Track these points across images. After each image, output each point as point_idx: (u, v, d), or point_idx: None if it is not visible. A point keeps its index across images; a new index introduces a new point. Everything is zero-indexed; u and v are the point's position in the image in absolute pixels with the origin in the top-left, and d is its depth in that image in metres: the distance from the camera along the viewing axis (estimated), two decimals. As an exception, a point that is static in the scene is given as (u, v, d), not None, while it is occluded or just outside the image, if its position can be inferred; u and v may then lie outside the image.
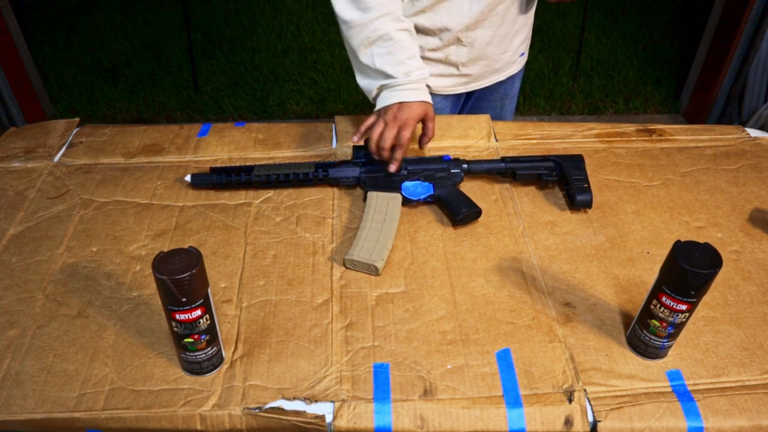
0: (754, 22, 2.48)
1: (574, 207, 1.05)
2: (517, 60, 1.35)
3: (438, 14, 1.15)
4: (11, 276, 0.92)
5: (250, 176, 1.07)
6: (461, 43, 1.20)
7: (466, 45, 1.21)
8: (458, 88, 1.32)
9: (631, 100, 3.10)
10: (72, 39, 3.57)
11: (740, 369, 0.79)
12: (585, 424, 0.74)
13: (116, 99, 3.06)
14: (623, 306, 0.88)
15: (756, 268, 0.95)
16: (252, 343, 0.82)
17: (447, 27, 1.17)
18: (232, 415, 0.74)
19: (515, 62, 1.35)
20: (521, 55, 1.35)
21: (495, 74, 1.33)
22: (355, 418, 0.74)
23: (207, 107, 3.02)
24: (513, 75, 1.39)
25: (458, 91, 1.32)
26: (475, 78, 1.30)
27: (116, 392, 0.76)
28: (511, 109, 1.49)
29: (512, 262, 0.95)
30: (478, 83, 1.33)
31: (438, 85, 1.27)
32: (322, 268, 0.94)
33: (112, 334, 0.83)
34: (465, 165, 1.10)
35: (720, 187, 1.12)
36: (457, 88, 1.31)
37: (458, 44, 1.21)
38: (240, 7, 3.89)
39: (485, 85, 1.34)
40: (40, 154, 1.19)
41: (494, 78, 1.34)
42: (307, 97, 3.09)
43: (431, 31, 1.18)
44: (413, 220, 1.04)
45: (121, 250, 0.97)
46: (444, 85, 1.29)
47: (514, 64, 1.35)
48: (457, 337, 0.83)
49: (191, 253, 0.69)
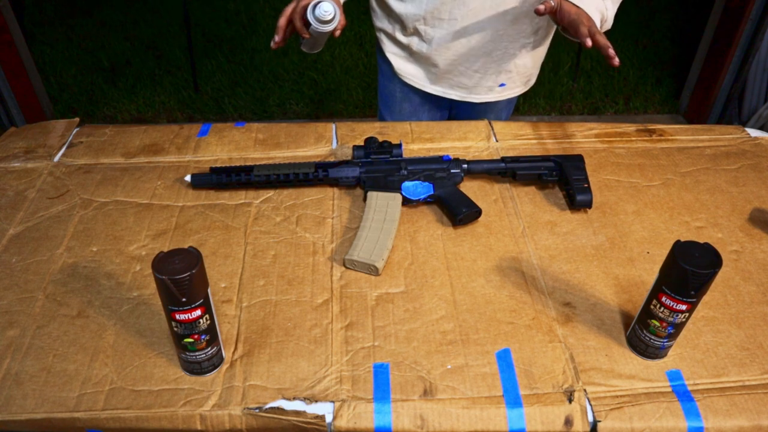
0: (754, 22, 2.48)
1: (574, 207, 1.06)
2: (495, 89, 1.32)
3: (398, 2, 1.21)
4: (11, 276, 0.92)
5: (250, 176, 1.07)
6: (421, 37, 1.23)
7: (425, 40, 1.23)
8: (427, 85, 1.32)
9: (631, 100, 3.10)
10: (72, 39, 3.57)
11: (740, 369, 0.79)
12: (585, 424, 0.74)
13: (116, 99, 3.06)
14: (623, 306, 0.88)
15: (756, 268, 0.95)
16: (252, 343, 0.82)
17: (404, 15, 1.20)
18: (232, 415, 0.74)
19: (492, 90, 1.32)
20: (501, 85, 1.32)
21: (464, 91, 1.31)
22: (355, 418, 0.74)
23: (207, 107, 3.02)
24: (492, 105, 1.37)
25: (428, 89, 1.33)
26: (441, 77, 1.29)
27: (116, 392, 0.76)
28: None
29: (512, 262, 0.95)
30: (446, 92, 1.32)
31: (407, 72, 1.31)
32: (322, 268, 0.94)
33: (112, 334, 0.83)
34: (465, 165, 1.10)
35: (720, 187, 1.12)
36: (425, 84, 1.32)
37: (419, 36, 1.23)
38: (240, 7, 3.89)
39: (456, 97, 1.33)
40: (40, 154, 1.19)
41: (465, 95, 1.32)
42: (307, 97, 3.09)
43: (395, 15, 1.23)
44: (413, 220, 1.04)
45: (121, 250, 0.97)
46: (411, 74, 1.32)
47: (491, 92, 1.32)
48: (457, 337, 0.83)
49: (191, 253, 0.69)
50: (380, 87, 1.44)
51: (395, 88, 1.38)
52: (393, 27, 1.27)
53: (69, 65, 3.31)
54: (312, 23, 1.03)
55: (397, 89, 1.38)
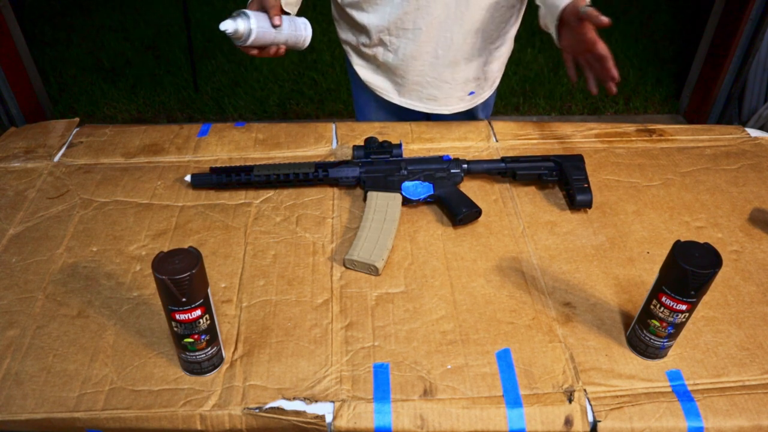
0: (754, 22, 2.48)
1: (574, 207, 1.06)
2: (465, 98, 1.29)
3: (361, 13, 1.17)
4: (11, 276, 0.92)
5: (250, 176, 1.07)
6: (387, 47, 1.20)
7: (391, 51, 1.20)
8: (395, 97, 1.29)
9: (631, 100, 3.10)
10: (72, 39, 3.57)
11: (740, 369, 0.79)
12: (585, 424, 0.74)
13: (116, 99, 3.06)
14: (623, 306, 0.88)
15: (756, 268, 0.95)
16: (252, 343, 0.82)
17: (368, 26, 1.17)
18: (232, 415, 0.74)
19: (463, 99, 1.29)
20: (470, 93, 1.28)
21: (434, 103, 1.28)
22: (355, 418, 0.74)
23: (207, 107, 3.02)
24: (467, 113, 1.34)
25: (396, 101, 1.29)
26: (410, 89, 1.26)
27: (116, 392, 0.76)
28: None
29: (512, 262, 0.95)
30: (415, 104, 1.29)
31: (375, 84, 1.29)
32: (322, 268, 0.94)
33: (112, 334, 0.83)
34: (465, 165, 1.10)
35: (720, 187, 1.12)
36: (391, 95, 1.29)
37: (384, 47, 1.21)
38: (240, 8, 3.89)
39: (425, 110, 1.29)
40: (40, 154, 1.19)
41: (435, 107, 1.28)
42: (307, 97, 3.09)
43: (359, 26, 1.20)
44: (413, 220, 1.04)
45: (121, 250, 0.97)
46: (379, 86, 1.29)
47: (462, 102, 1.29)
48: (457, 337, 0.83)
49: (191, 253, 0.69)
50: (354, 96, 1.42)
51: (369, 98, 1.35)
52: (357, 38, 1.23)
53: (69, 65, 3.31)
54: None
55: (371, 99, 1.35)
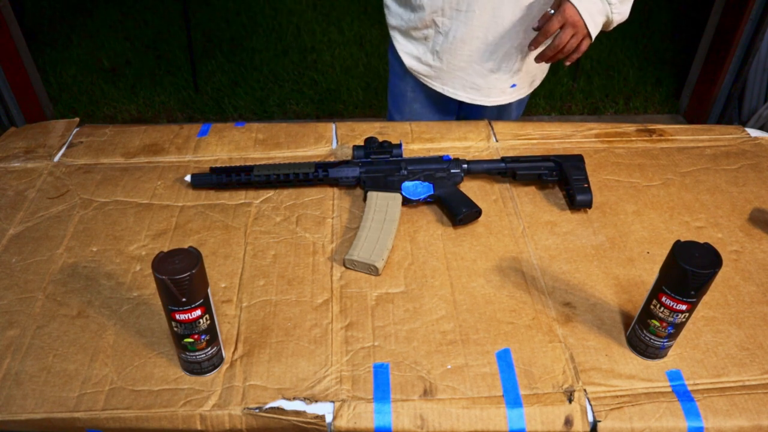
0: (754, 22, 2.48)
1: (574, 207, 1.06)
2: (507, 90, 1.30)
3: None
4: (11, 276, 0.92)
5: (250, 176, 1.07)
6: (438, 29, 1.21)
7: (442, 33, 1.21)
8: (435, 83, 1.30)
9: (631, 100, 3.10)
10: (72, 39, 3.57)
11: (740, 369, 0.79)
12: (585, 424, 0.74)
13: (116, 99, 3.06)
14: (623, 306, 0.88)
15: (756, 268, 0.95)
16: (252, 343, 0.82)
17: (425, 4, 1.19)
18: (232, 415, 0.74)
19: (505, 92, 1.30)
20: (512, 86, 1.30)
21: (476, 92, 1.29)
22: (355, 418, 0.74)
23: (207, 107, 3.02)
24: (503, 108, 1.35)
25: (438, 89, 1.31)
26: (454, 76, 1.27)
27: (116, 392, 0.76)
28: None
29: (512, 262, 0.95)
30: (457, 93, 1.30)
31: (419, 70, 1.30)
32: (322, 268, 0.94)
33: (112, 334, 0.83)
34: (465, 165, 1.10)
35: (720, 187, 1.12)
36: (434, 81, 1.30)
37: (435, 28, 1.22)
38: (240, 7, 3.89)
39: (466, 99, 1.31)
40: (40, 154, 1.19)
41: (476, 97, 1.30)
42: (307, 97, 3.09)
43: (414, 6, 1.21)
44: (413, 220, 1.04)
45: (121, 250, 0.97)
46: (423, 72, 1.30)
47: (504, 94, 1.30)
48: (457, 337, 0.83)
49: (191, 253, 0.69)
50: (390, 86, 1.43)
51: (406, 87, 1.37)
52: (408, 21, 1.25)
53: (69, 65, 3.31)
54: None
55: (408, 89, 1.37)
